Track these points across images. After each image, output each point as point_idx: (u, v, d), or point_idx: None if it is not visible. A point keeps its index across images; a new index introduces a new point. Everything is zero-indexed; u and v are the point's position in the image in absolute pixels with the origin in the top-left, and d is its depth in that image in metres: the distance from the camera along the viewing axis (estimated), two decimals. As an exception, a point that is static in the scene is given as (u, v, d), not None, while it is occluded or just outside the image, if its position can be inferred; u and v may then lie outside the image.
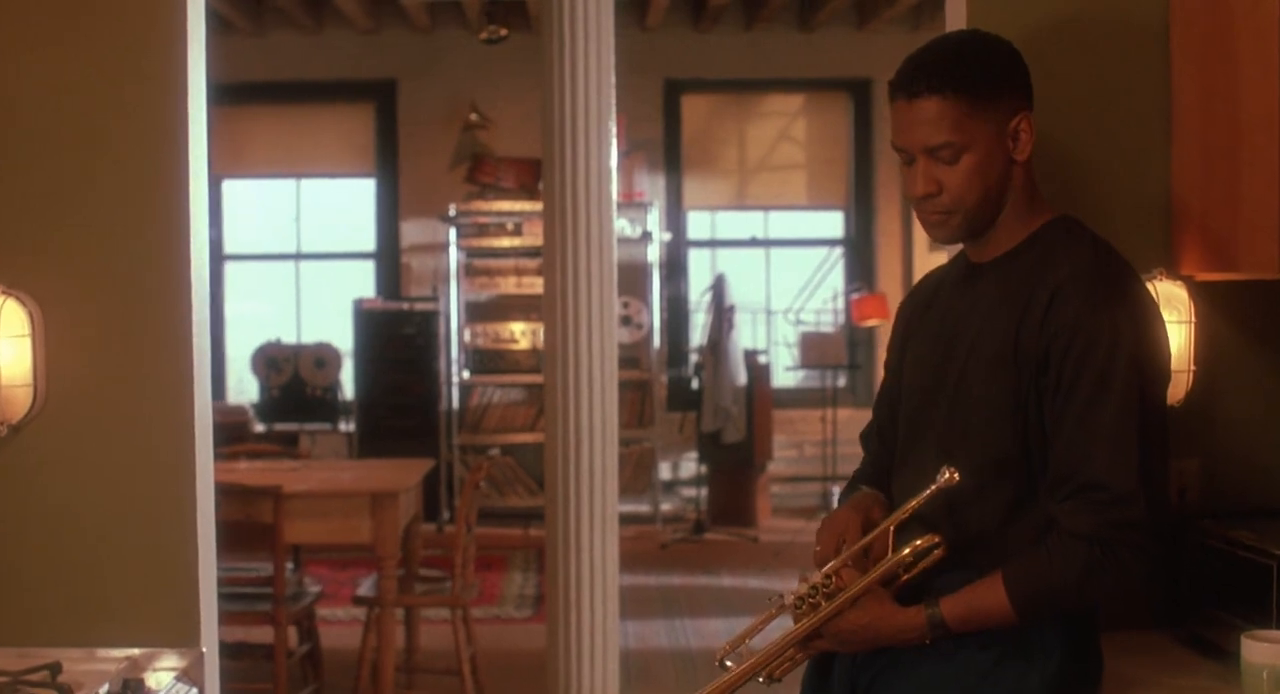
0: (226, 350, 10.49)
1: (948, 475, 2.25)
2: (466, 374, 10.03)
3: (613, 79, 5.07)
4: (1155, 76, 2.80)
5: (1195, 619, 2.65)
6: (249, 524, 5.17)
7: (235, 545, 5.45)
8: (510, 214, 9.81)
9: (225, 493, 5.15)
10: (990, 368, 2.30)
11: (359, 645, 5.67)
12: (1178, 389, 2.64)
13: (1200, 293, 2.73)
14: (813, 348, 9.53)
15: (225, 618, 5.61)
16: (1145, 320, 2.27)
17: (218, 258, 10.43)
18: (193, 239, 2.72)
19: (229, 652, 5.98)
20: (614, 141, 5.02)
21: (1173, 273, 2.72)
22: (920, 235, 10.51)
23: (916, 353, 2.49)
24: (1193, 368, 2.71)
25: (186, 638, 2.77)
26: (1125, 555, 2.18)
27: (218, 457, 6.34)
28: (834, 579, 2.36)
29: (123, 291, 2.71)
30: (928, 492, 2.29)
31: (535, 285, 9.40)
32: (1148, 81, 2.80)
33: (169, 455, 2.73)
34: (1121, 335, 2.20)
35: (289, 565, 6.09)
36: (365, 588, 5.59)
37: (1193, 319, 2.70)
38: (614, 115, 5.04)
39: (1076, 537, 2.19)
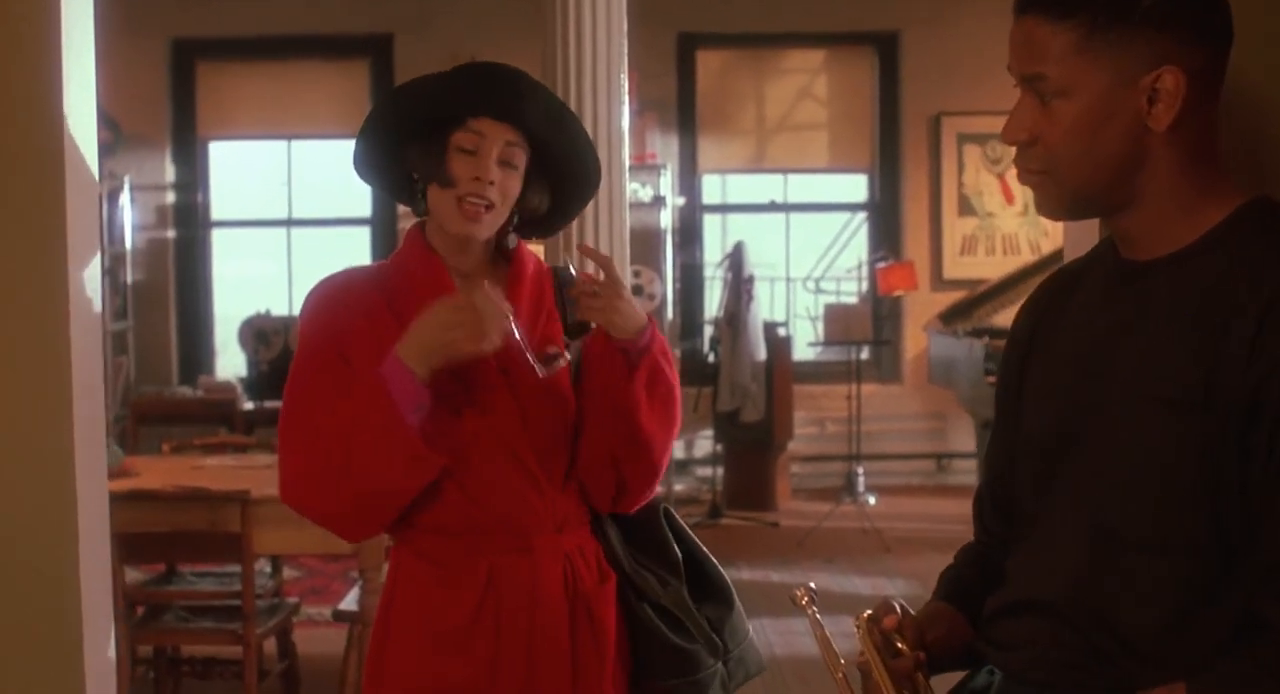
0: (215, 322, 9.97)
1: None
2: (467, 347, 9.43)
3: (624, 29, 4.52)
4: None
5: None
6: (214, 534, 4.59)
7: (200, 557, 4.90)
8: (513, 177, 9.19)
9: (187, 499, 4.58)
10: (1164, 413, 1.67)
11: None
12: None
13: None
14: (837, 322, 8.93)
15: (190, 637, 5.08)
16: None
17: (204, 224, 9.93)
18: (71, 236, 2.14)
19: (197, 671, 5.43)
20: (625, 99, 4.46)
21: None
22: (950, 199, 9.94)
23: (1044, 381, 1.86)
24: None
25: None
26: None
27: (188, 449, 5.79)
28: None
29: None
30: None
31: (539, 253, 8.80)
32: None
33: (46, 513, 2.15)
34: None
35: (266, 571, 5.53)
36: (347, 601, 5.01)
37: None
38: (625, 70, 4.48)
39: None
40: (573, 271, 2.57)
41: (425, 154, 2.49)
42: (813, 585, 1.99)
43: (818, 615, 1.94)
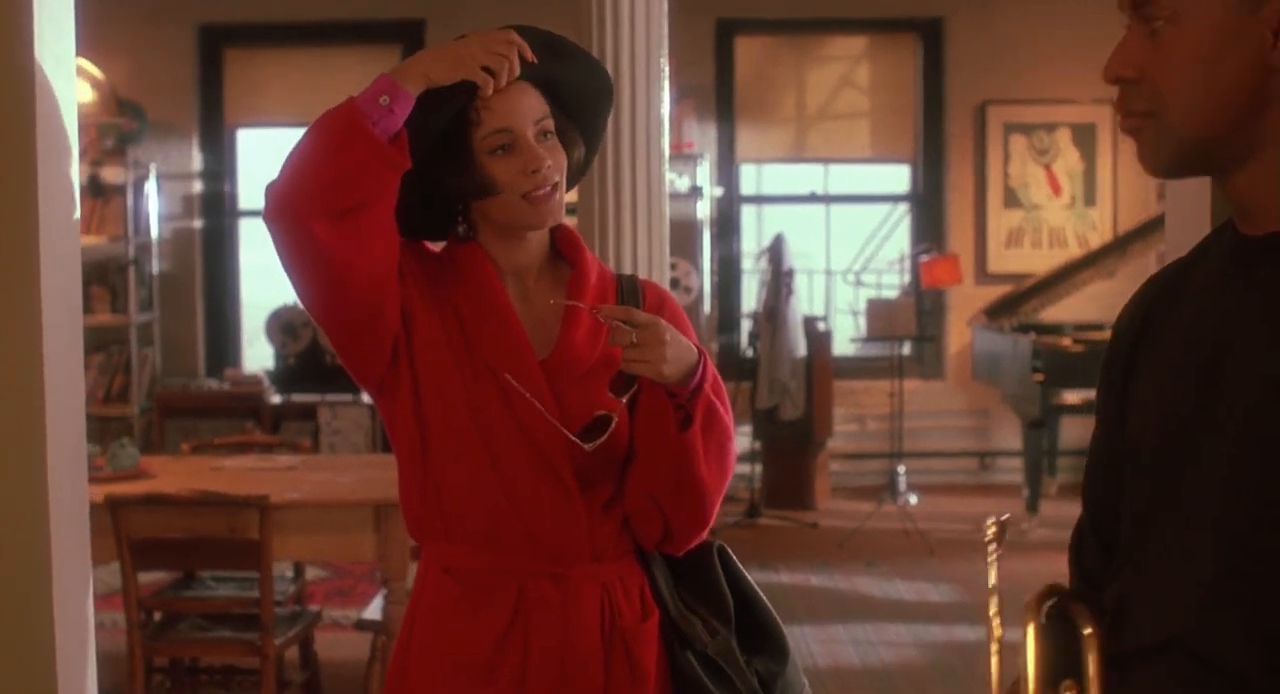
0: (242, 314, 9.78)
1: None
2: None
3: (665, 11, 4.29)
4: None
5: None
6: (232, 540, 4.39)
7: (217, 564, 4.70)
8: (547, 167, 8.97)
9: (204, 504, 4.38)
10: None
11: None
12: None
13: None
14: (880, 316, 8.67)
15: (207, 648, 4.87)
16: None
17: (232, 214, 9.72)
18: (43, 207, 1.93)
19: (216, 680, 5.24)
20: (665, 86, 4.23)
21: None
22: (995, 191, 9.67)
23: (1154, 385, 1.58)
24: None
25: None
26: None
27: (210, 449, 5.59)
28: None
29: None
30: None
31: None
32: None
33: (12, 526, 1.95)
34: None
35: (288, 575, 5.33)
36: (371, 610, 4.80)
37: None
38: (665, 55, 4.25)
39: None
40: (639, 285, 2.38)
41: (457, 173, 2.27)
42: (1007, 516, 1.63)
43: (996, 555, 1.60)
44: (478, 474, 2.25)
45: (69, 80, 2.26)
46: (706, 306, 9.24)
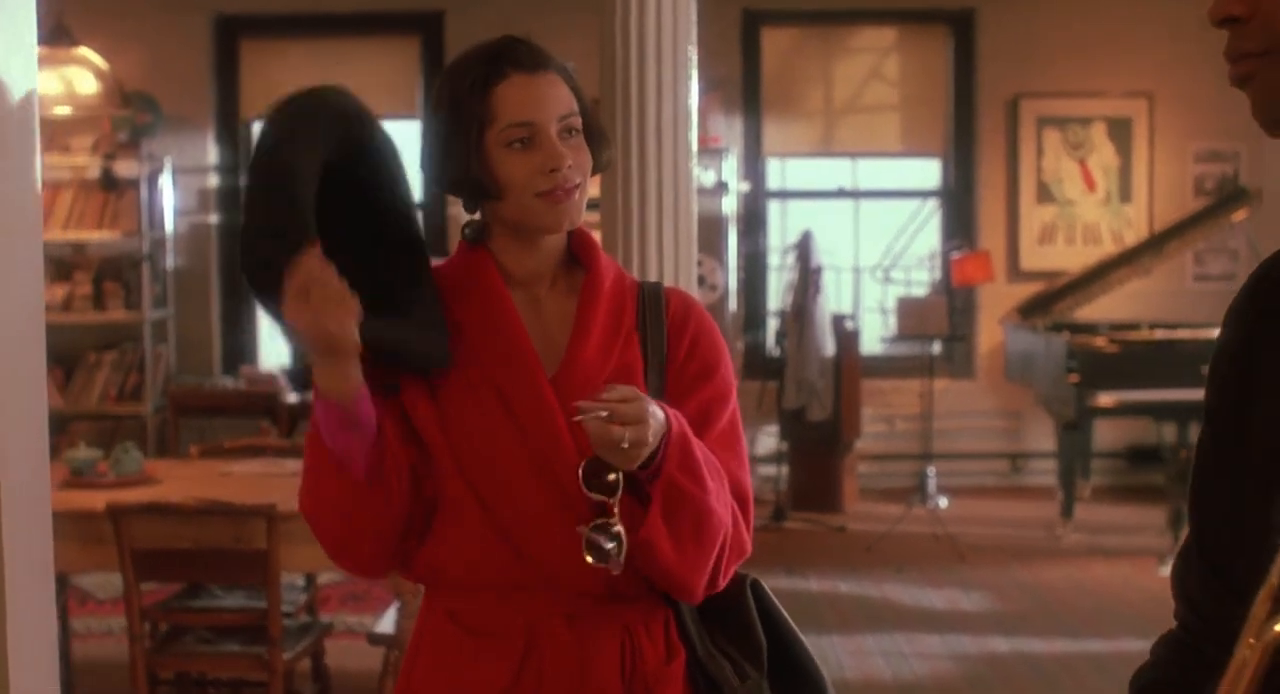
0: (258, 310, 9.60)
1: None
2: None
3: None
4: None
5: None
6: (238, 551, 4.20)
7: (223, 576, 4.52)
8: (570, 162, 8.79)
9: (209, 513, 4.20)
10: None
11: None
12: None
13: None
14: (911, 315, 8.46)
15: (213, 662, 4.69)
16: None
17: (248, 209, 9.51)
18: None
19: (225, 693, 5.06)
20: (694, 76, 4.03)
21: None
22: (1028, 186, 9.44)
23: (1275, 395, 1.37)
24: None
25: None
26: None
27: (219, 453, 5.40)
28: None
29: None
30: None
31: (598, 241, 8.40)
32: None
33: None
34: None
35: (299, 584, 5.14)
36: (384, 624, 4.60)
37: None
38: (694, 43, 4.06)
39: None
40: (662, 294, 2.17)
41: (464, 170, 2.07)
42: None
43: None
44: (484, 504, 2.05)
45: (28, 69, 2.05)
46: (732, 304, 9.04)
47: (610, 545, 1.96)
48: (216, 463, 5.23)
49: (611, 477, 1.96)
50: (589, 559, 1.96)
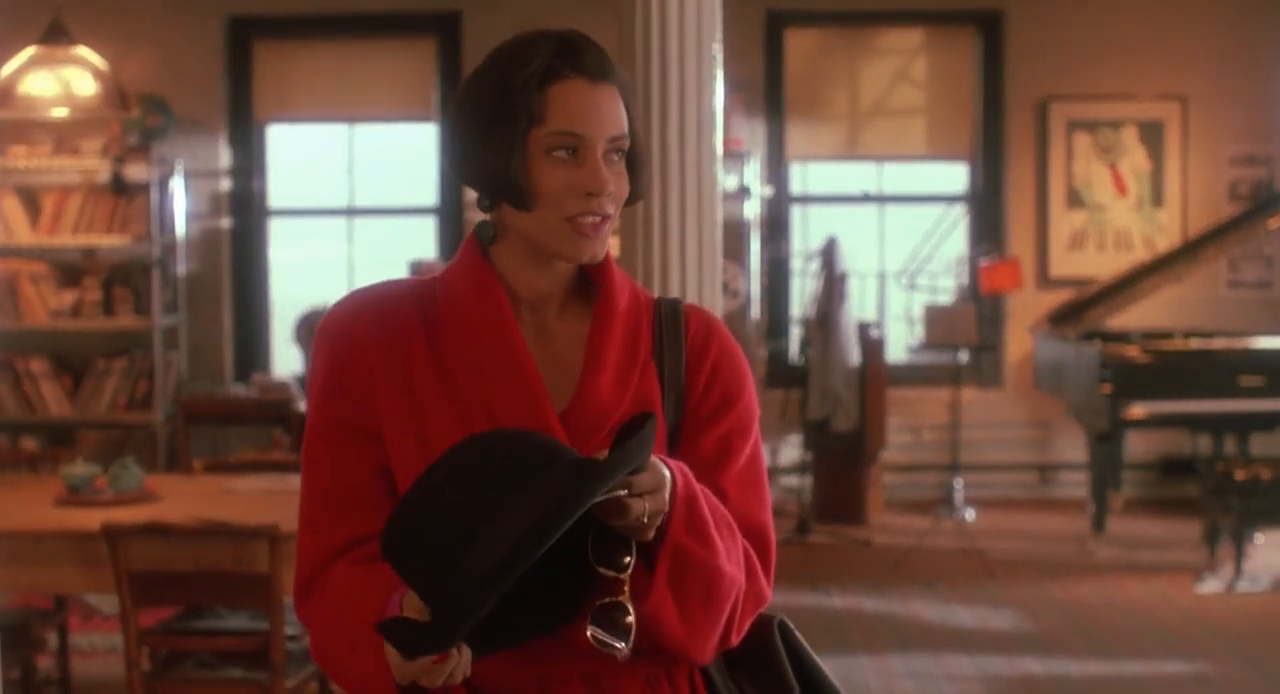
0: (271, 317, 9.44)
1: None
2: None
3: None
4: None
5: None
6: (240, 574, 4.02)
7: (224, 600, 4.34)
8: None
9: (209, 534, 4.02)
10: None
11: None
12: None
13: None
14: (938, 323, 8.25)
15: (213, 690, 4.50)
16: None
17: (261, 212, 9.39)
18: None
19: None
20: (719, 77, 3.85)
21: None
22: (1057, 191, 9.24)
23: None
24: None
25: None
26: None
27: (222, 468, 5.22)
28: None
29: None
30: None
31: (617, 248, 8.23)
32: None
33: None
34: None
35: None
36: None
37: None
38: (719, 42, 3.87)
39: None
40: (681, 314, 1.96)
41: (497, 168, 1.84)
42: None
43: None
44: None
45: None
46: (755, 311, 8.84)
47: (620, 645, 1.76)
48: (220, 479, 5.04)
49: (627, 559, 1.76)
50: (593, 642, 1.76)
